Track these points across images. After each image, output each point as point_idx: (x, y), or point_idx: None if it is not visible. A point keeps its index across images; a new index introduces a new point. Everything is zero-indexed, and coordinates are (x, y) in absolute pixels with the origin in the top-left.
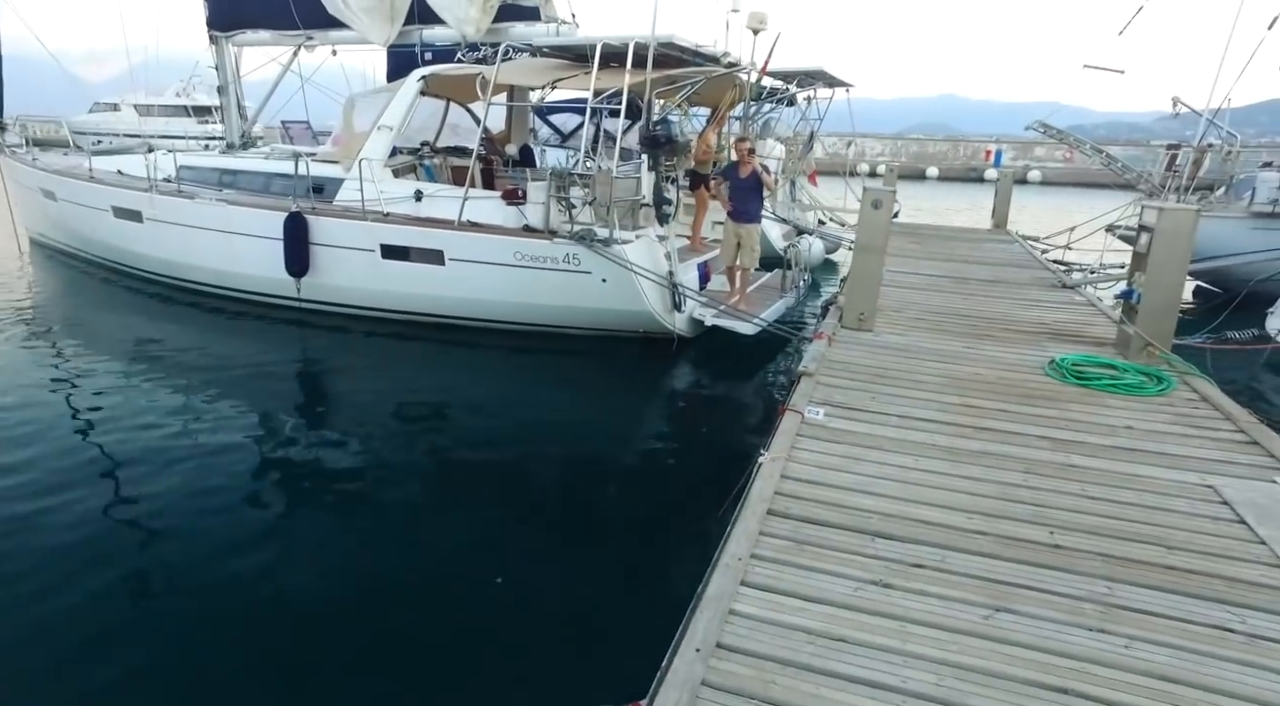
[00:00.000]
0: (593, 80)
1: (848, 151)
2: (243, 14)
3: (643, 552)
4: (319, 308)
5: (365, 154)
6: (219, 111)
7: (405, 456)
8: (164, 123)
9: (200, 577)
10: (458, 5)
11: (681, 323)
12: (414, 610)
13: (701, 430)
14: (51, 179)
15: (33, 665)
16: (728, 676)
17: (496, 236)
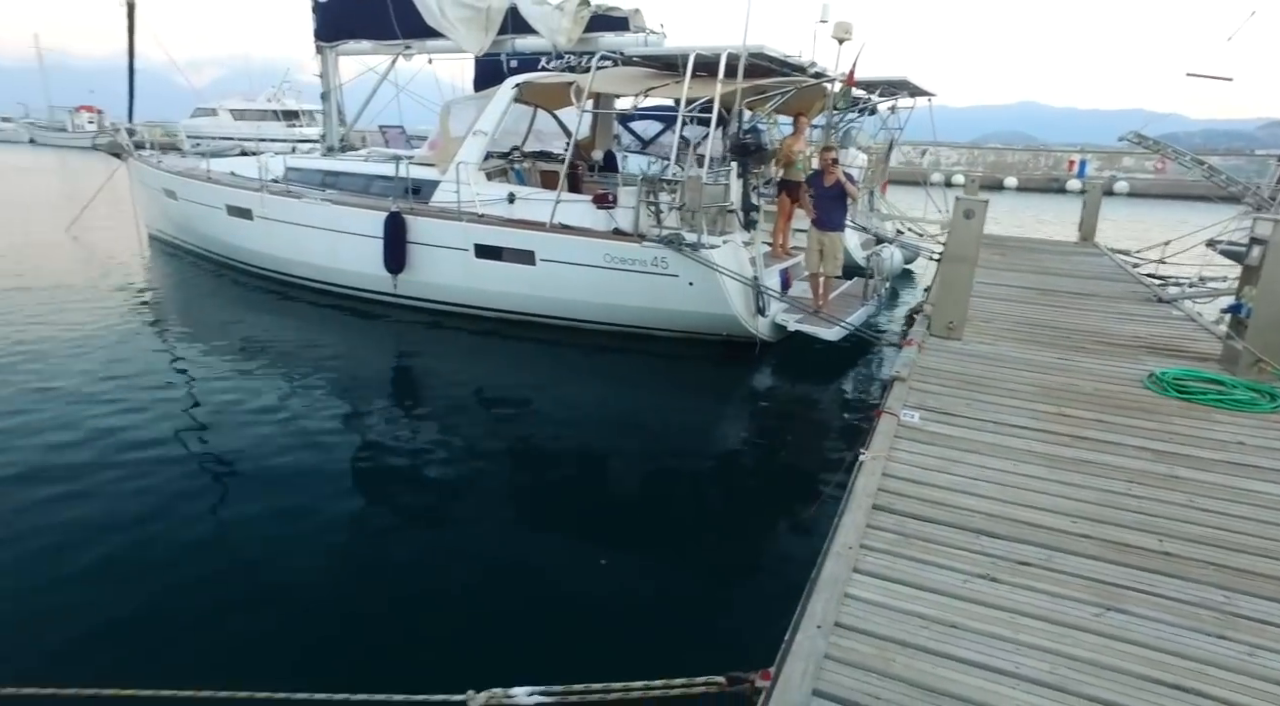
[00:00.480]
0: (684, 89)
1: (922, 160)
2: (348, 25)
3: (735, 540)
4: (414, 303)
5: (461, 157)
6: (306, 115)
7: (494, 447)
8: (256, 126)
9: (304, 555)
10: (551, 16)
11: (764, 327)
12: (519, 588)
13: (785, 430)
14: (173, 179)
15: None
16: (849, 652)
17: (587, 239)
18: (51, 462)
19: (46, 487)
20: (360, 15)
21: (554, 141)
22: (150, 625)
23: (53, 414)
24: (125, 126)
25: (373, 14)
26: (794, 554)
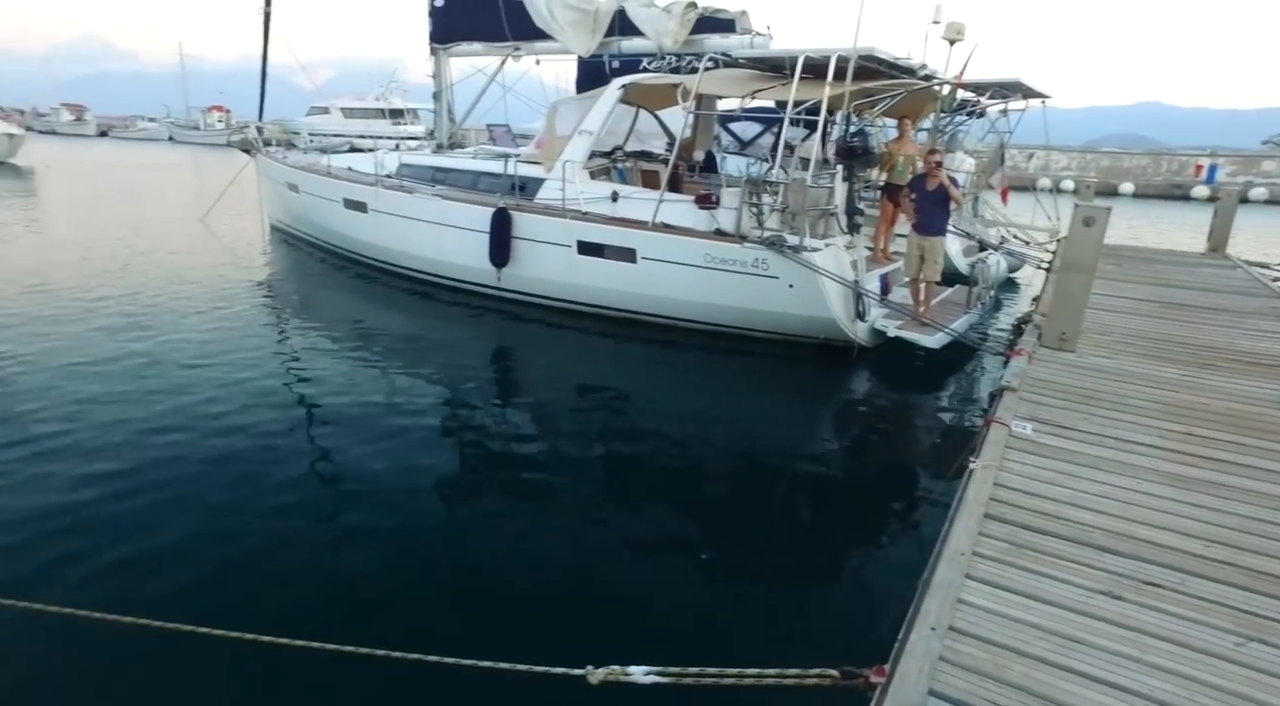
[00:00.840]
0: (792, 92)
1: (1028, 165)
2: (461, 28)
3: (832, 540)
4: (516, 297)
5: (567, 156)
6: (411, 113)
7: (588, 441)
8: (365, 124)
9: (414, 530)
10: (658, 18)
11: (863, 332)
12: (624, 574)
13: (883, 435)
14: (296, 173)
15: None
16: (963, 656)
17: (688, 238)
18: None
19: (165, 451)
20: (473, 18)
21: (653, 141)
22: (282, 586)
23: (175, 381)
24: (255, 125)
25: (485, 17)
26: (893, 556)
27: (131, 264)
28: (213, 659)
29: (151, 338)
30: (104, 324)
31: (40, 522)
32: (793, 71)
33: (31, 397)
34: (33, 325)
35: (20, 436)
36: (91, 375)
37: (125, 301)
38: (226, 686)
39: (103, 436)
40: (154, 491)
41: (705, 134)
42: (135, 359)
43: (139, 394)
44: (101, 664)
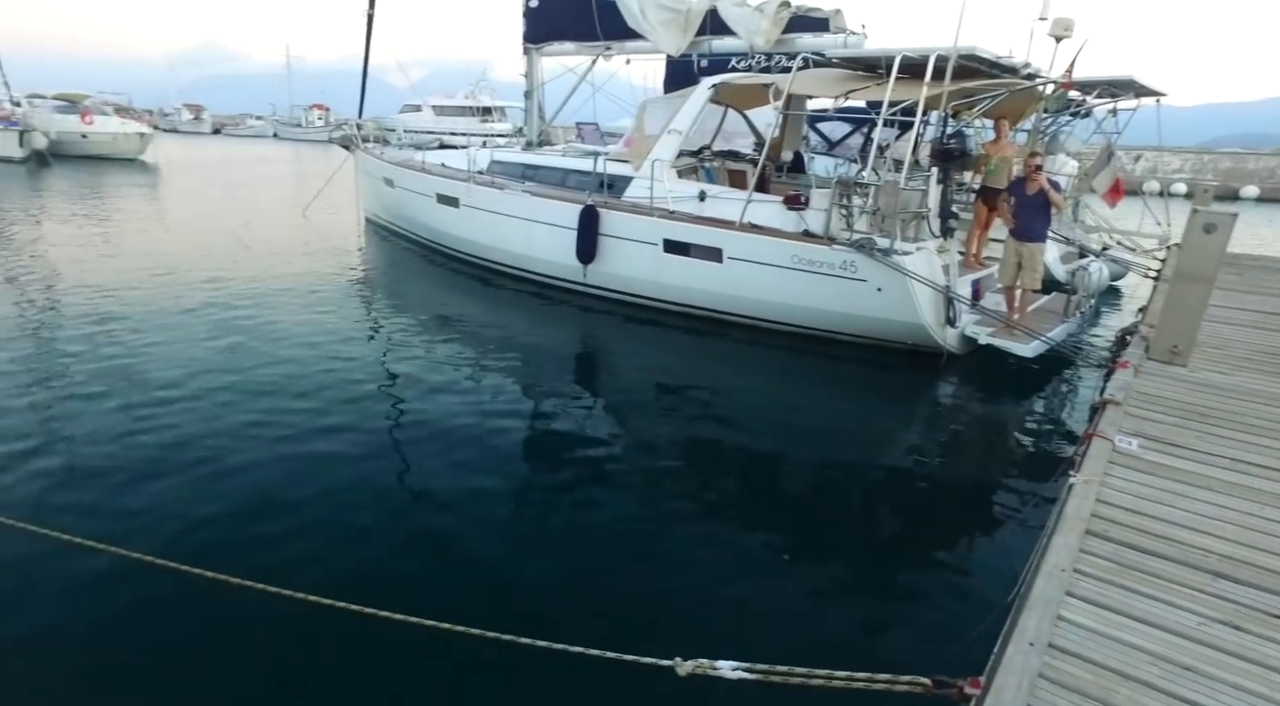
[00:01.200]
0: (887, 92)
1: (1135, 167)
2: (554, 28)
3: (916, 547)
4: (601, 293)
5: (656, 155)
6: (498, 111)
7: (668, 437)
8: (454, 121)
9: (495, 517)
10: (751, 18)
11: (953, 338)
12: (707, 570)
13: (971, 444)
14: (392, 169)
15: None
16: (1064, 674)
17: (775, 239)
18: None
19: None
20: (566, 18)
21: (740, 140)
22: (374, 560)
23: (273, 361)
24: (355, 122)
25: (577, 17)
26: (982, 567)
27: (240, 253)
28: (316, 625)
29: (255, 320)
30: (216, 306)
31: (140, 481)
32: (888, 71)
33: (155, 370)
34: (159, 305)
35: (140, 400)
36: (201, 350)
37: (235, 287)
38: (336, 653)
39: (210, 404)
40: (242, 460)
41: (794, 134)
42: (239, 337)
43: (245, 369)
44: (213, 618)
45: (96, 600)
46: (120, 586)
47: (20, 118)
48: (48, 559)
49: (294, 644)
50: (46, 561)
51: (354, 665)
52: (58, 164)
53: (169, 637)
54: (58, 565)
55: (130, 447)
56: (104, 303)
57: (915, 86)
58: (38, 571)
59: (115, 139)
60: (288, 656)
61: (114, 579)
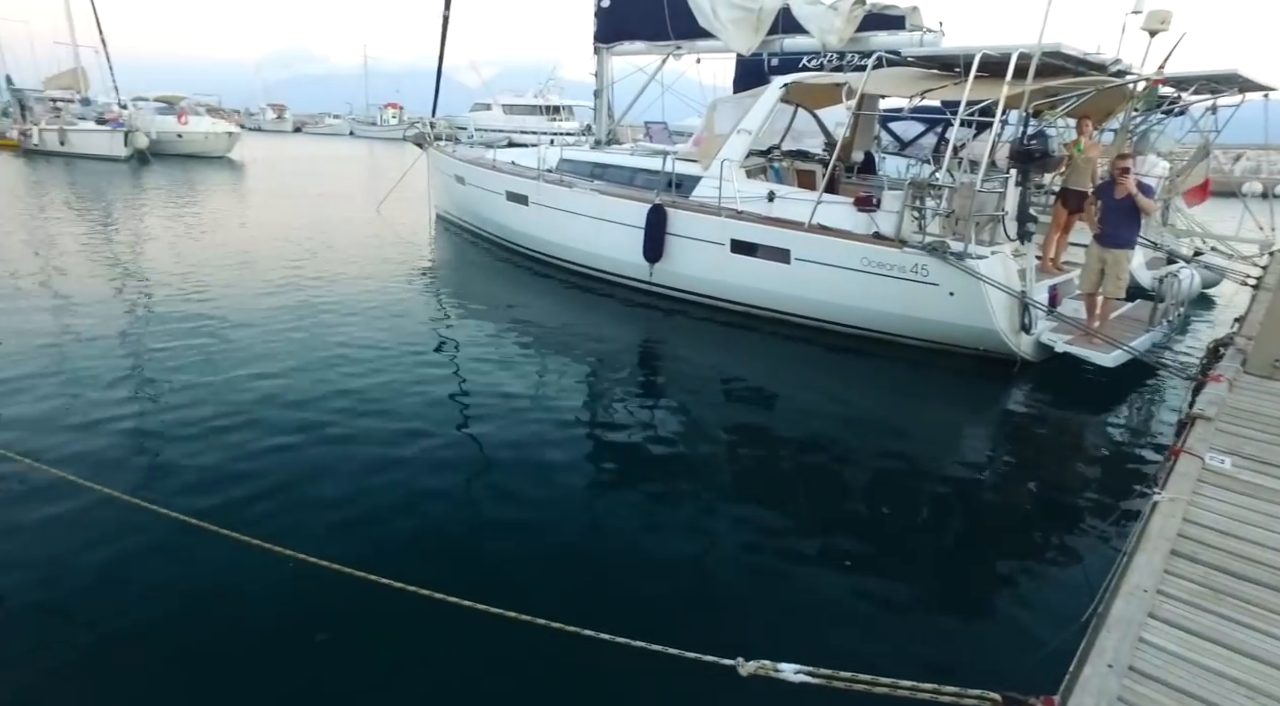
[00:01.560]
0: (965, 92)
1: (1234, 167)
2: (626, 28)
3: (981, 558)
4: (667, 292)
5: (725, 155)
6: (566, 110)
7: (731, 437)
8: (522, 120)
9: (559, 511)
10: (824, 16)
11: (1027, 345)
12: (767, 572)
13: (1044, 455)
14: (464, 166)
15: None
16: (1144, 699)
17: (845, 241)
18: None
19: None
20: (637, 18)
21: (809, 140)
22: (434, 546)
23: (346, 351)
24: (428, 120)
25: (649, 17)
26: (1054, 583)
27: (317, 246)
28: (398, 609)
29: (330, 310)
30: (294, 295)
31: (226, 463)
32: (966, 70)
33: (235, 355)
34: (243, 295)
35: (219, 383)
36: (278, 338)
37: (312, 278)
38: (411, 635)
39: (282, 389)
40: (311, 443)
41: (865, 134)
42: (315, 326)
43: (319, 356)
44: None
45: (190, 573)
46: (234, 574)
47: (126, 119)
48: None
49: (381, 624)
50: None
51: (421, 646)
52: (155, 161)
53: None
54: (166, 541)
55: (211, 431)
56: (194, 291)
57: (995, 85)
58: (141, 541)
59: (206, 138)
60: (369, 632)
61: (233, 567)
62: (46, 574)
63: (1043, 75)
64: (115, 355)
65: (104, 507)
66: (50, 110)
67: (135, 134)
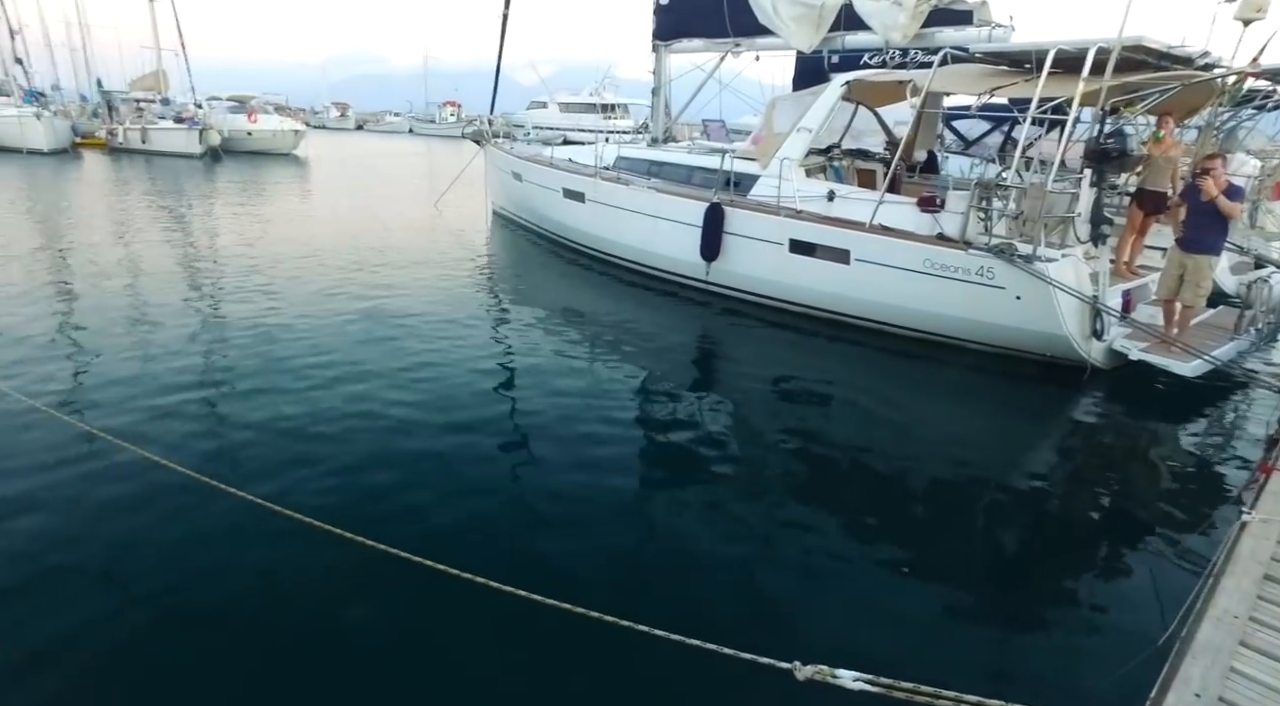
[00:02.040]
0: (1038, 89)
1: None
2: (684, 25)
3: (1045, 573)
4: (723, 291)
5: (784, 153)
6: (621, 108)
7: (784, 439)
8: (578, 118)
9: (608, 508)
10: (888, 12)
11: (1098, 352)
12: (822, 577)
13: (1113, 468)
14: (521, 163)
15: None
16: None
17: (907, 242)
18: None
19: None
20: (696, 16)
21: (869, 138)
22: (486, 535)
23: (399, 348)
24: (486, 118)
25: (708, 14)
26: (1126, 603)
27: (376, 240)
28: (447, 593)
29: (387, 301)
30: (353, 289)
31: (286, 447)
32: (1039, 66)
33: (298, 344)
34: (305, 287)
35: (279, 370)
36: (338, 329)
37: (370, 273)
38: (457, 621)
39: (341, 378)
40: (369, 431)
41: (928, 132)
42: (372, 316)
43: (375, 347)
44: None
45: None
46: (308, 556)
47: (201, 118)
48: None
49: (433, 608)
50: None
51: (476, 634)
52: (226, 158)
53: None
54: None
55: (273, 416)
56: (261, 282)
57: (1069, 82)
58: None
59: (274, 135)
60: (419, 614)
61: (305, 549)
62: (114, 543)
63: (1122, 70)
64: (188, 340)
65: (172, 484)
66: (134, 110)
67: (209, 132)
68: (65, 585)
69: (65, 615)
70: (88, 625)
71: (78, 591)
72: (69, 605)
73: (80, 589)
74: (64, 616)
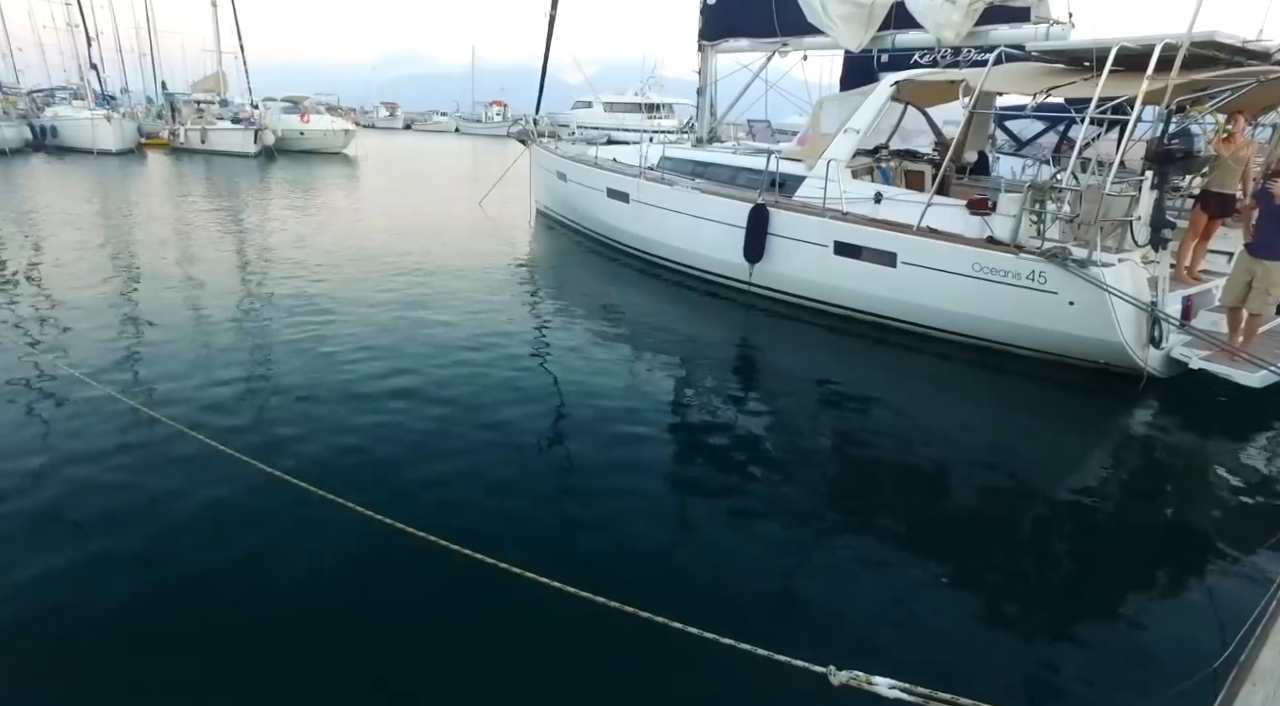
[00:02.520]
0: (1098, 88)
1: None
2: (731, 25)
3: (1092, 591)
4: (766, 293)
5: (831, 154)
6: (666, 108)
7: (825, 443)
8: (622, 117)
9: (624, 500)
10: (940, 10)
11: (1155, 360)
12: (847, 584)
13: (1168, 482)
14: (566, 163)
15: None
16: None
17: (956, 245)
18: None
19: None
20: (744, 15)
21: (917, 139)
22: (530, 533)
23: (441, 344)
24: (532, 118)
25: (756, 13)
26: (1176, 623)
27: (422, 239)
28: (490, 586)
29: (432, 300)
30: (398, 285)
31: (329, 436)
32: (1099, 65)
33: (344, 338)
34: (352, 282)
35: (327, 362)
36: (383, 323)
37: (415, 269)
38: (490, 609)
39: (384, 372)
40: (411, 423)
41: (979, 133)
42: (416, 316)
43: (420, 345)
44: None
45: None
46: (360, 545)
47: (257, 118)
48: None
49: (465, 596)
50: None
51: (513, 623)
52: (280, 157)
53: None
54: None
55: (317, 405)
56: (310, 277)
57: (1132, 81)
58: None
59: (325, 135)
60: (453, 601)
61: (364, 539)
62: (168, 521)
63: (1190, 67)
64: (241, 332)
65: (230, 469)
66: (195, 111)
67: (264, 132)
68: (119, 556)
69: (116, 585)
70: (136, 597)
71: (125, 565)
72: (119, 575)
73: (124, 564)
74: (116, 586)
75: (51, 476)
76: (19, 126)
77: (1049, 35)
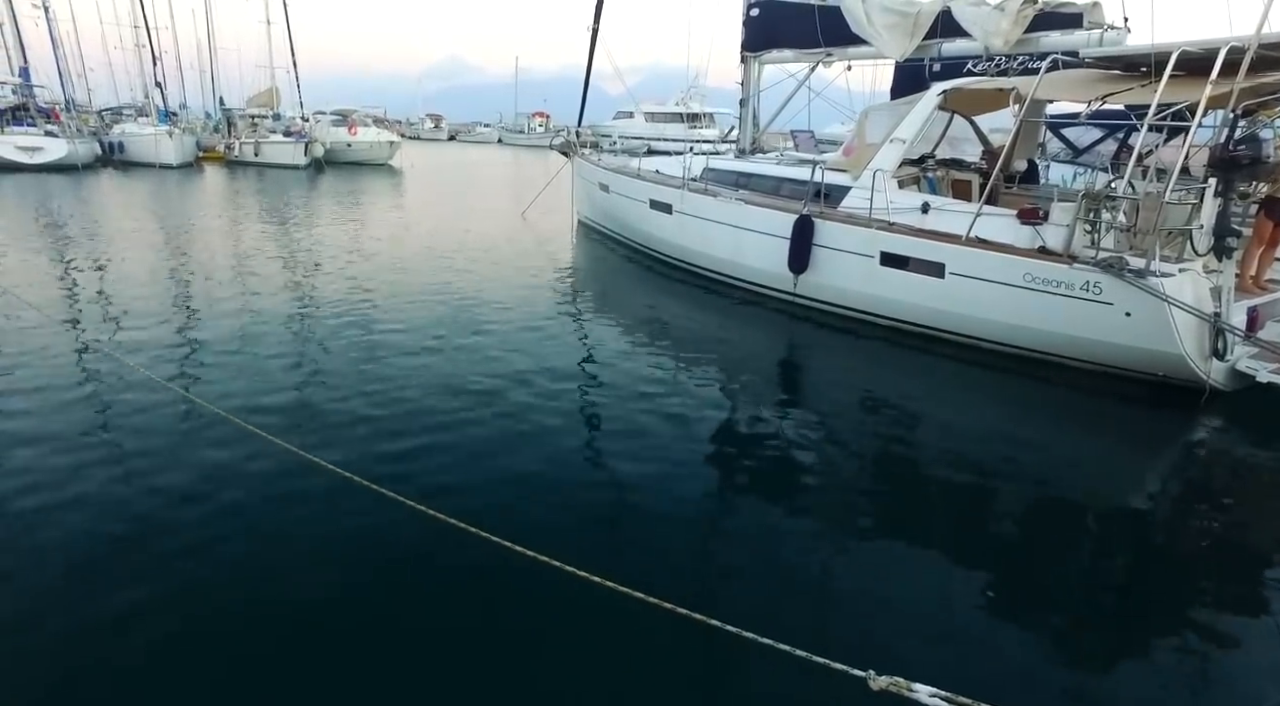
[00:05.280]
0: (1157, 94)
1: None
2: (775, 36)
3: (1143, 614)
4: (810, 304)
5: (877, 164)
6: (707, 117)
7: (868, 454)
8: (663, 127)
9: (682, 513)
10: (989, 17)
11: (1219, 373)
12: (902, 591)
13: (1234, 500)
14: (608, 175)
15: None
16: None
17: (1006, 255)
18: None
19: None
20: (787, 26)
21: (964, 147)
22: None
23: (484, 354)
24: (575, 129)
25: (799, 24)
26: (1233, 648)
27: (465, 250)
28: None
29: (475, 310)
30: (441, 294)
31: (375, 436)
32: (1158, 70)
33: (389, 343)
34: (397, 290)
35: (372, 367)
36: (426, 331)
37: (458, 279)
38: (535, 603)
39: (427, 376)
40: (451, 427)
41: (1029, 142)
42: (459, 325)
43: (463, 355)
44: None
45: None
46: (394, 535)
47: (307, 131)
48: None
49: (505, 586)
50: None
51: (562, 619)
52: (328, 169)
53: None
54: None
55: (363, 406)
56: (356, 286)
57: (1194, 86)
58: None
59: (371, 147)
60: (496, 592)
61: (401, 530)
62: (224, 510)
63: (1258, 70)
64: (293, 334)
65: (272, 458)
66: (249, 125)
67: (313, 144)
68: (172, 538)
69: (167, 573)
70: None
71: (178, 549)
72: (172, 559)
73: (178, 547)
74: (168, 573)
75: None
76: (90, 143)
77: (1103, 41)
